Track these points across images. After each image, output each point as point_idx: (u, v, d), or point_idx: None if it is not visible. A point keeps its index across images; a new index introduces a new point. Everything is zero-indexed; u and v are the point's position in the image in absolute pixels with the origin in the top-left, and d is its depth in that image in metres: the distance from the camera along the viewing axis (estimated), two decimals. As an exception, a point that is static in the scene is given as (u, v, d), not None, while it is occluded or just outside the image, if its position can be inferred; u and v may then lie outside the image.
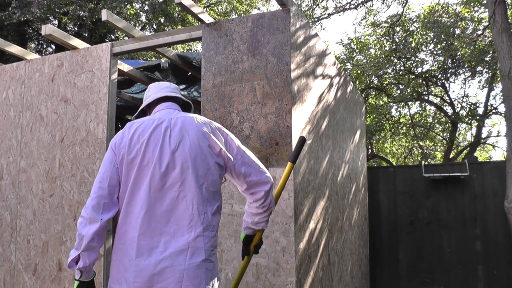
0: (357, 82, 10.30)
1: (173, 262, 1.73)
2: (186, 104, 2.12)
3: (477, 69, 9.70)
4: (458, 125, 11.11)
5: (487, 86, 10.39)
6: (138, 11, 11.94)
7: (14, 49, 3.99)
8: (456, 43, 9.16)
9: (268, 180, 1.93)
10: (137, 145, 1.82)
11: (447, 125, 11.37)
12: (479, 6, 9.64)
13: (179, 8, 11.59)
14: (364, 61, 10.68)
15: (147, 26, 12.68)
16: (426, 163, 10.81)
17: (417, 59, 10.10)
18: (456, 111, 10.52)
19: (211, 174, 1.85)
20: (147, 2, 11.61)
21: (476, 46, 8.97)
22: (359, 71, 10.03)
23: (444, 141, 12.21)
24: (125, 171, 1.81)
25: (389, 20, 10.36)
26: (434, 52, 9.94)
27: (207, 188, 1.84)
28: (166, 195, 1.79)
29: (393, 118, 11.59)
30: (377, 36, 10.97)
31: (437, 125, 11.65)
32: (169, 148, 1.82)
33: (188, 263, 1.74)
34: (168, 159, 1.80)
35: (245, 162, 1.92)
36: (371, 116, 10.39)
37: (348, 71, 10.54)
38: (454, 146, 11.43)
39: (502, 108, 9.82)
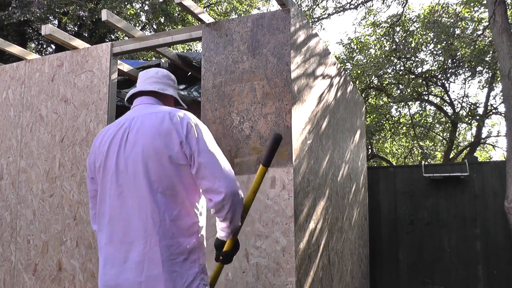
0: (357, 82, 10.30)
1: (131, 274, 1.69)
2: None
3: (477, 69, 9.70)
4: (458, 125, 11.11)
5: (487, 86, 10.39)
6: (138, 11, 11.94)
7: (14, 49, 3.99)
8: (456, 43, 9.17)
9: (221, 190, 1.69)
10: (101, 153, 1.81)
11: (447, 125, 11.37)
12: (479, 6, 9.65)
13: (179, 8, 11.59)
14: (364, 61, 10.69)
15: (147, 26, 12.68)
16: (426, 163, 10.81)
17: (417, 59, 10.10)
18: (456, 111, 10.53)
19: (168, 177, 1.72)
20: (147, 2, 11.61)
21: (476, 46, 8.97)
22: (359, 71, 10.03)
23: (444, 141, 12.21)
24: (98, 181, 1.84)
25: (389, 20, 10.36)
26: (434, 52, 9.94)
27: (163, 193, 1.72)
28: (124, 203, 1.74)
29: (393, 118, 11.59)
30: (377, 36, 10.98)
31: (437, 125, 11.66)
32: (124, 153, 1.76)
33: (145, 275, 1.68)
34: (123, 166, 1.75)
35: (201, 162, 1.71)
36: (371, 116, 10.39)
37: (348, 71, 10.54)
38: (454, 146, 11.43)
39: (502, 108, 9.82)
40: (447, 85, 10.48)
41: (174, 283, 1.68)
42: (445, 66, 10.04)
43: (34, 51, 12.44)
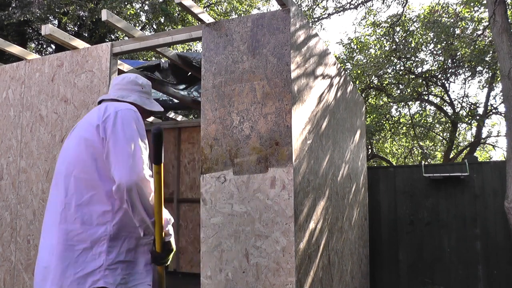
0: (357, 82, 10.30)
1: (42, 259, 1.72)
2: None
3: (477, 69, 9.70)
4: (458, 125, 11.11)
5: (487, 86, 10.39)
6: (138, 11, 11.94)
7: (14, 49, 3.99)
8: (456, 43, 9.16)
9: (116, 179, 1.64)
10: None
11: (447, 125, 11.37)
12: (479, 6, 9.65)
13: (179, 8, 11.59)
14: (364, 61, 10.69)
15: (147, 26, 12.68)
16: (426, 163, 10.81)
17: (417, 59, 10.10)
18: (456, 111, 10.52)
19: (82, 161, 1.73)
20: (147, 2, 11.61)
21: (476, 46, 8.97)
22: (359, 71, 10.03)
23: (444, 141, 12.21)
24: None
25: (389, 20, 10.36)
26: (434, 52, 9.94)
27: (76, 176, 1.72)
28: (52, 190, 1.85)
29: (393, 118, 11.59)
30: (377, 36, 10.98)
31: (437, 125, 11.65)
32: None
33: (48, 260, 1.69)
34: (60, 157, 1.89)
35: (109, 147, 1.69)
36: (371, 116, 10.39)
37: (348, 71, 10.54)
38: (454, 146, 11.43)
39: (502, 108, 9.82)
40: (447, 85, 10.49)
41: (64, 272, 1.61)
42: (445, 66, 10.03)
43: (34, 51, 12.44)
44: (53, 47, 12.27)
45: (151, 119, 6.32)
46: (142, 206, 1.66)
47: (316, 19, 10.75)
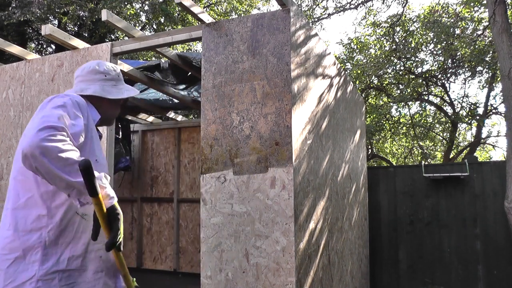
0: (357, 82, 10.30)
1: None
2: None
3: (477, 69, 9.70)
4: (458, 125, 11.11)
5: (487, 86, 10.39)
6: (138, 11, 11.94)
7: (14, 49, 3.99)
8: (456, 43, 9.17)
9: (21, 150, 1.39)
10: None
11: (447, 125, 11.37)
12: (479, 6, 9.65)
13: (179, 8, 11.59)
14: (364, 61, 10.69)
15: (147, 26, 12.68)
16: (426, 163, 10.81)
17: (417, 59, 10.10)
18: (456, 111, 10.53)
19: (18, 161, 1.55)
20: (147, 2, 11.61)
21: (476, 46, 8.97)
22: (359, 71, 10.03)
23: (444, 141, 12.21)
24: None
25: (389, 20, 10.37)
26: (434, 52, 9.95)
27: (15, 178, 1.60)
28: None
29: (393, 118, 11.59)
30: (377, 36, 10.98)
31: (437, 125, 11.66)
32: None
33: None
34: None
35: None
36: (371, 116, 10.39)
37: (348, 71, 10.54)
38: (454, 146, 11.43)
39: (502, 108, 9.82)
40: (447, 85, 10.50)
41: None
42: (445, 66, 10.04)
43: (34, 51, 12.44)
44: (53, 47, 12.27)
45: (150, 119, 6.32)
46: (57, 168, 1.39)
47: (316, 19, 10.76)
